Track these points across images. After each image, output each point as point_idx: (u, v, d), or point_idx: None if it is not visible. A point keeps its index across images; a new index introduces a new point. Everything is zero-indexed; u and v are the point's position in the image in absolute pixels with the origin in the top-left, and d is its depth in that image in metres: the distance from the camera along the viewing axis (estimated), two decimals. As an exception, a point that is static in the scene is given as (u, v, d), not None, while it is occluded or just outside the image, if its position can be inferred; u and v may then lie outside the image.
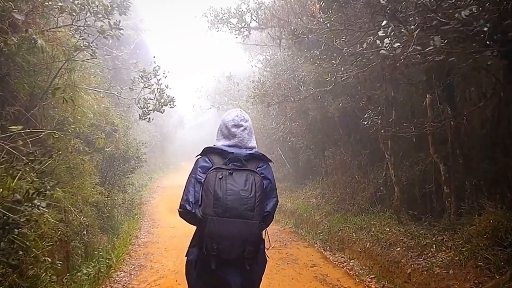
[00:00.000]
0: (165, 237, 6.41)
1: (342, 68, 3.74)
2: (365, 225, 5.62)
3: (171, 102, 4.98)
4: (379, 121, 4.52)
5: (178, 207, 1.88)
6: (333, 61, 3.54)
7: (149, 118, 5.07)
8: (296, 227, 7.27)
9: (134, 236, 6.21)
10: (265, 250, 1.95)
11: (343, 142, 7.04)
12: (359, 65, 3.38)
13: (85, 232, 4.98)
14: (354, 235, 5.62)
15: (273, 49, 9.31)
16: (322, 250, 5.88)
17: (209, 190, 1.77)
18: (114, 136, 6.98)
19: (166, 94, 5.00)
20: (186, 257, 1.92)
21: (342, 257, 5.54)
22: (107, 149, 5.74)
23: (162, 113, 5.09)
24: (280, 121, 9.52)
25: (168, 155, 23.38)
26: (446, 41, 2.62)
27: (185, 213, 1.85)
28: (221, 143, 2.00)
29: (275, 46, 8.91)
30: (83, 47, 4.10)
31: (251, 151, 1.97)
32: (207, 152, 1.97)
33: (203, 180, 1.84)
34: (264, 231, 1.94)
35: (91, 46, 4.15)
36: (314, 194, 8.43)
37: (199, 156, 1.98)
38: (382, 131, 4.59)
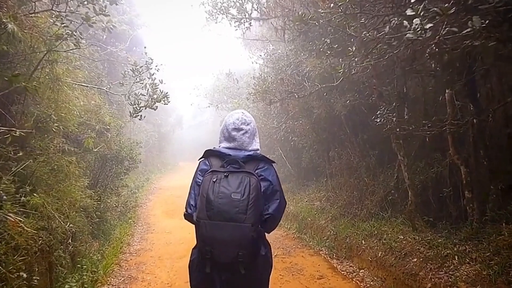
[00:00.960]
0: (160, 244, 5.98)
1: (356, 59, 3.31)
2: (375, 232, 5.20)
3: (165, 98, 4.54)
4: (394, 119, 4.09)
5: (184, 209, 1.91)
6: (349, 48, 3.10)
7: (141, 115, 4.63)
8: (299, 232, 6.85)
9: (126, 243, 5.77)
10: (270, 254, 1.95)
11: (349, 142, 6.61)
12: (378, 53, 2.95)
13: (70, 241, 4.55)
14: (363, 242, 5.19)
15: (274, 44, 8.89)
16: (328, 258, 5.46)
17: (202, 193, 1.77)
18: (106, 136, 6.57)
19: (160, 90, 4.57)
20: (190, 257, 1.94)
21: (350, 266, 5.13)
22: (95, 149, 5.29)
23: (155, 110, 4.66)
24: (282, 120, 9.09)
25: (166, 155, 22.94)
26: (487, 22, 2.19)
27: (187, 216, 1.90)
28: (222, 145, 2.02)
29: (277, 41, 8.49)
30: (66, 36, 3.66)
31: (249, 153, 1.95)
32: (208, 154, 1.98)
33: (201, 183, 1.84)
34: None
35: (75, 35, 3.71)
36: (318, 196, 8.00)
37: (202, 159, 1.99)
38: (397, 130, 4.16)
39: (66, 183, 4.87)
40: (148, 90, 4.57)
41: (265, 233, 1.95)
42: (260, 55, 9.24)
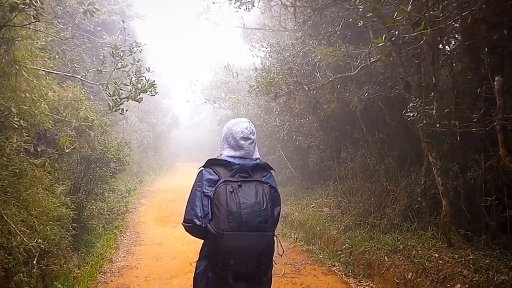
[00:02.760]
0: (148, 259, 5.17)
1: (397, 32, 2.52)
2: (401, 246, 4.42)
3: (152, 88, 3.76)
4: (433, 112, 3.33)
5: (183, 221, 1.82)
6: (402, 7, 2.30)
7: (123, 109, 3.84)
8: (307, 244, 6.06)
9: (108, 260, 4.94)
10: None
11: (365, 142, 5.83)
12: (435, 15, 2.17)
13: (36, 261, 3.75)
14: (386, 259, 4.42)
15: (277, 34, 8.11)
16: (343, 276, 4.70)
17: (221, 204, 1.74)
18: (88, 134, 5.77)
19: (145, 78, 3.78)
20: (194, 270, 1.88)
21: (371, 287, 4.37)
22: (67, 150, 4.50)
23: (139, 102, 3.87)
24: (285, 118, 8.31)
25: (162, 156, 22.11)
26: None
27: (193, 228, 1.80)
28: (226, 153, 1.98)
29: (280, 31, 7.72)
30: (21, 5, 2.87)
31: (256, 161, 1.96)
32: (211, 163, 1.93)
33: (210, 193, 1.81)
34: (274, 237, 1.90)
35: (34, 5, 2.92)
36: (326, 202, 7.22)
37: (202, 168, 1.94)
38: (438, 125, 3.40)
39: (34, 190, 4.09)
40: (131, 78, 3.78)
41: None
42: (262, 45, 8.43)
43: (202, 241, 1.90)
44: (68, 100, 5.03)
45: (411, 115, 3.55)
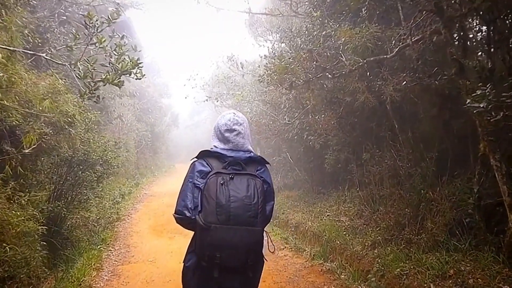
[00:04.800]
0: (137, 282, 4.26)
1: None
2: (451, 271, 3.53)
3: (137, 69, 2.88)
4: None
5: (174, 212, 1.81)
6: None
7: (98, 96, 2.95)
8: (325, 260, 5.14)
9: (86, 286, 4.04)
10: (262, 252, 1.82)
11: (397, 141, 4.92)
12: None
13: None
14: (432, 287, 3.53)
15: (288, 20, 7.22)
16: (376, 305, 3.80)
17: (210, 196, 1.70)
18: (68, 132, 4.90)
19: (128, 56, 2.90)
20: (183, 263, 1.85)
21: (415, 323, 3.47)
22: (27, 151, 3.60)
23: (119, 87, 2.97)
24: (296, 115, 7.42)
25: (161, 156, 21.25)
26: None
27: (183, 219, 1.79)
28: (215, 144, 1.96)
29: (291, 16, 6.83)
30: None
31: (249, 154, 1.91)
32: (204, 155, 1.90)
33: (201, 185, 1.78)
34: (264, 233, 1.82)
35: None
36: (344, 210, 6.32)
37: (195, 159, 1.91)
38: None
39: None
40: (110, 56, 2.89)
41: None
42: (271, 32, 7.51)
43: None
44: (43, 91, 4.16)
45: (481, 105, 2.65)
